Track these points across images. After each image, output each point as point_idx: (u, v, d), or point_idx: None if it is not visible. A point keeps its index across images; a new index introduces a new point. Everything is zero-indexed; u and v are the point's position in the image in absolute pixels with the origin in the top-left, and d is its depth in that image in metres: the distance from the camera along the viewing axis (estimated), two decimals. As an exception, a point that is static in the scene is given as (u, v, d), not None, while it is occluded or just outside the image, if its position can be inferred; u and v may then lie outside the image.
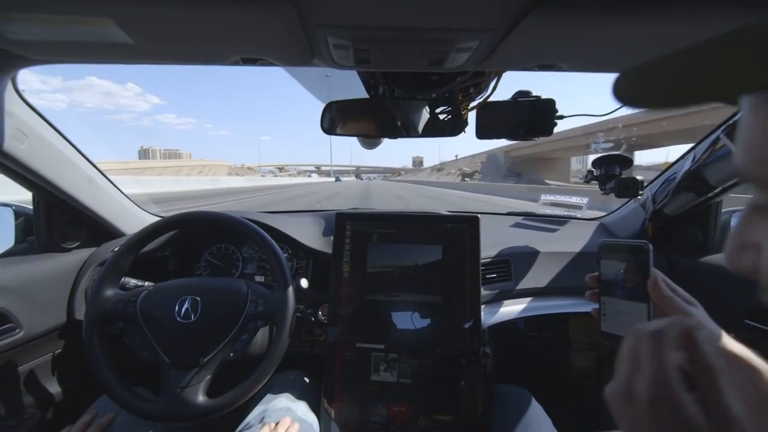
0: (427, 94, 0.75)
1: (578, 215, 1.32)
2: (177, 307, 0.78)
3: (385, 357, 0.89)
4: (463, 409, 0.85)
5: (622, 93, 0.26)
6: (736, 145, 0.26)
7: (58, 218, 1.02)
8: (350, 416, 0.87)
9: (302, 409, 0.82)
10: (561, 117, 0.80)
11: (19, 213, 1.07)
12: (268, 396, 0.84)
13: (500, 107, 0.79)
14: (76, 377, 1.04)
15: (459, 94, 0.78)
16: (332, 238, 0.99)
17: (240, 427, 0.76)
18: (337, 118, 0.76)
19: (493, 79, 0.73)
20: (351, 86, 0.83)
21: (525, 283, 1.04)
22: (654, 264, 0.46)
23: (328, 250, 1.01)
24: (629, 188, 0.94)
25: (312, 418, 0.83)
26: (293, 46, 0.58)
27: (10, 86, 0.74)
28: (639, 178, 0.95)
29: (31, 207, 1.03)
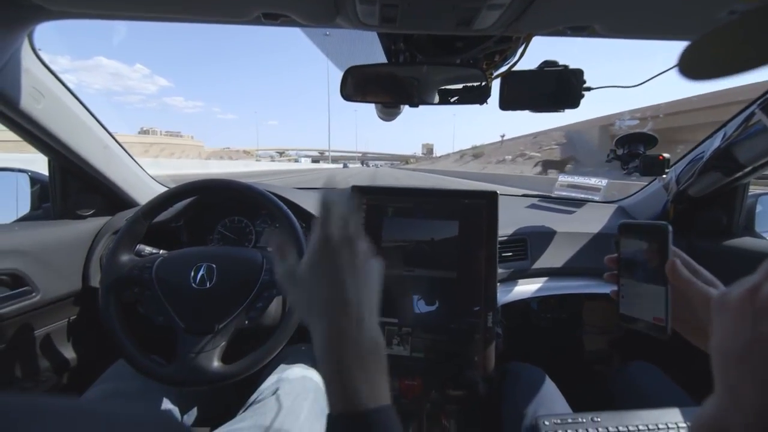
0: (450, 61, 0.73)
1: (596, 198, 1.29)
2: (192, 273, 0.78)
3: (399, 331, 0.89)
4: (476, 385, 0.85)
5: (688, 68, 0.25)
6: None
7: (73, 185, 1.01)
8: (362, 388, 0.86)
9: (316, 378, 0.82)
10: (588, 88, 0.77)
11: (35, 180, 1.08)
12: (282, 366, 0.84)
13: (526, 76, 0.76)
14: (91, 343, 1.06)
15: (484, 61, 0.75)
16: None
17: (254, 396, 0.76)
18: (357, 84, 0.74)
19: (520, 46, 0.70)
20: (371, 53, 0.81)
21: (540, 263, 1.02)
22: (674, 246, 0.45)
23: None
24: (655, 166, 0.91)
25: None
26: (317, 2, 0.56)
27: (26, 43, 0.73)
28: (666, 155, 0.92)
29: (47, 174, 1.03)
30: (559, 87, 0.77)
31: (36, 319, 0.92)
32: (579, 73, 0.75)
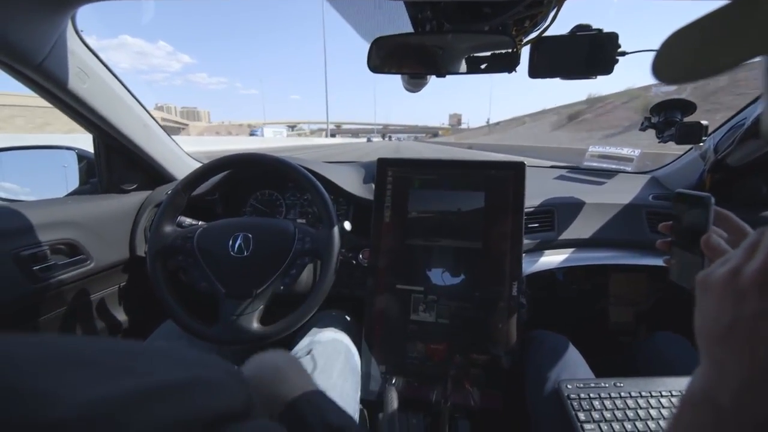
0: (479, 27, 0.71)
1: (628, 168, 1.25)
2: (231, 243, 0.83)
3: (424, 299, 0.92)
4: (499, 350, 0.87)
5: (663, 72, 0.26)
6: None
7: (117, 161, 1.08)
8: (389, 352, 0.91)
9: (346, 341, 0.87)
10: (623, 53, 0.74)
11: (81, 156, 1.15)
12: (314, 329, 0.89)
13: (557, 42, 0.74)
14: (140, 307, 1.15)
15: (513, 27, 0.73)
16: (373, 185, 1.00)
17: (292, 351, 0.82)
18: (384, 55, 0.74)
19: (552, 10, 0.68)
20: (397, 23, 0.80)
21: (568, 234, 1.02)
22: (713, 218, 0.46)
23: (369, 196, 1.03)
24: (691, 134, 0.88)
25: (355, 351, 0.88)
26: None
27: (70, 26, 0.76)
28: (704, 122, 0.88)
29: (92, 152, 1.10)
30: (592, 52, 0.74)
31: (91, 284, 1.00)
32: (614, 37, 0.72)
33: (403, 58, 0.76)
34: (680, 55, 0.25)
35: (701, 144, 0.94)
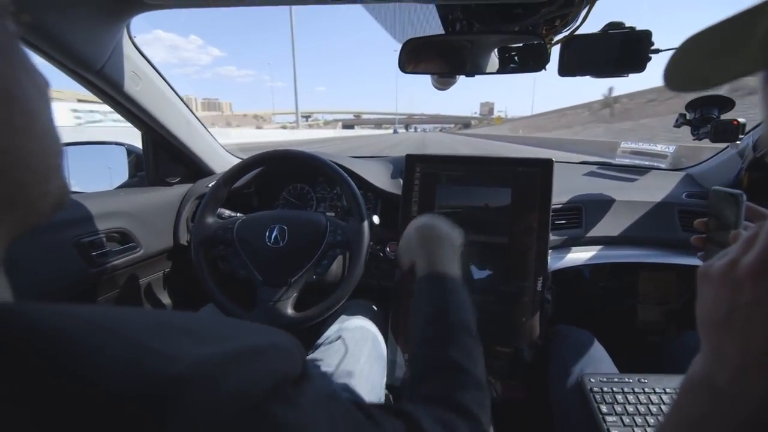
0: (509, 28, 0.73)
1: (662, 165, 1.22)
2: (268, 234, 0.89)
3: (450, 291, 0.95)
4: (523, 343, 0.89)
5: (673, 79, 0.27)
6: None
7: (162, 156, 1.16)
8: (415, 341, 0.95)
9: (373, 329, 0.92)
10: (657, 51, 0.74)
11: (130, 151, 1.24)
12: (343, 316, 0.94)
13: (588, 40, 0.74)
14: (182, 292, 1.23)
15: (543, 27, 0.74)
16: (401, 180, 1.03)
17: (320, 340, 0.87)
18: (415, 56, 0.76)
19: (584, 8, 0.69)
20: (428, 25, 0.82)
21: (596, 231, 1.02)
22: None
23: (396, 191, 1.06)
24: (727, 132, 0.86)
25: (382, 339, 0.93)
26: None
27: (125, 32, 0.83)
28: (741, 120, 0.86)
29: (140, 147, 1.18)
30: (624, 50, 0.74)
31: (140, 270, 1.09)
32: (647, 34, 0.72)
33: (433, 58, 0.78)
34: (694, 62, 0.26)
35: (738, 142, 0.91)
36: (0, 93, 0.22)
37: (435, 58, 0.78)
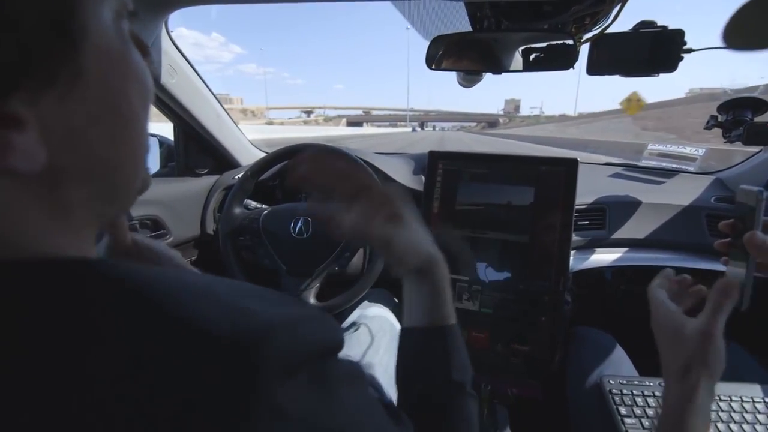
0: (538, 26, 0.73)
1: (691, 168, 1.19)
2: (292, 225, 0.91)
3: (469, 288, 0.96)
4: (541, 342, 0.89)
5: (733, 38, 0.27)
6: None
7: (192, 148, 1.20)
8: (433, 336, 0.96)
9: (392, 319, 0.93)
10: (689, 50, 0.72)
11: (161, 142, 1.29)
12: (364, 303, 0.96)
13: (618, 39, 0.73)
14: None
15: (572, 25, 0.74)
16: (422, 177, 1.04)
17: (343, 325, 0.90)
18: (443, 53, 0.77)
19: (616, 6, 0.68)
20: (456, 22, 0.83)
21: (620, 233, 1.00)
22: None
23: (418, 187, 1.07)
24: (760, 134, 0.83)
25: (399, 326, 0.94)
26: None
27: (163, 27, 0.87)
28: (777, 122, 0.83)
29: (171, 138, 1.23)
30: (655, 49, 0.73)
31: None
32: (679, 34, 0.71)
33: (460, 55, 0.79)
34: (756, 21, 0.27)
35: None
36: (108, 108, 0.24)
37: (461, 55, 0.79)
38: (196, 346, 0.19)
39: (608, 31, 0.74)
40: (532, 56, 0.78)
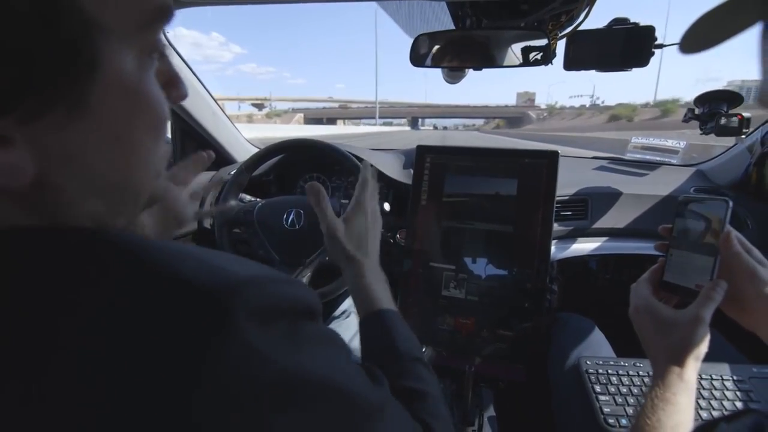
0: (516, 23, 0.76)
1: (673, 161, 1.23)
2: (285, 217, 0.95)
3: (456, 276, 0.99)
4: (525, 328, 0.93)
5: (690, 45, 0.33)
6: None
7: (189, 145, 1.24)
8: (421, 323, 1.00)
9: None
10: (660, 46, 0.76)
11: (160, 140, 1.33)
12: None
13: (592, 36, 0.77)
14: None
15: (549, 22, 0.77)
16: (411, 170, 1.07)
17: (335, 313, 0.93)
18: (426, 51, 0.81)
19: (587, 6, 0.72)
20: (439, 21, 0.87)
21: (602, 223, 1.04)
22: (732, 218, 0.48)
23: (407, 181, 1.11)
24: (732, 126, 0.87)
25: None
26: None
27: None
28: (746, 115, 0.87)
29: (168, 135, 1.26)
30: (628, 45, 0.77)
31: None
32: (650, 30, 0.74)
33: (443, 53, 0.82)
34: (704, 29, 0.32)
35: (744, 136, 0.92)
36: (111, 137, 0.24)
37: (444, 53, 0.82)
38: (178, 293, 0.23)
39: (584, 28, 0.78)
40: (512, 52, 0.82)
